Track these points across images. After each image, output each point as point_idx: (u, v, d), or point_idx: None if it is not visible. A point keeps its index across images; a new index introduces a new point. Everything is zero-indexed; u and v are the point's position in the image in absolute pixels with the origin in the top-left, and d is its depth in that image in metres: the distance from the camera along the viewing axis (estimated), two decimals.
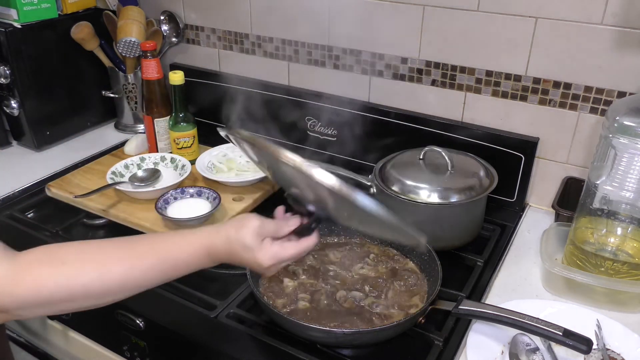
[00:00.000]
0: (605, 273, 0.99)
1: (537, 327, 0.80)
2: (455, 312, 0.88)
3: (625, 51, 1.07)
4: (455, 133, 1.28)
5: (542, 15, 1.12)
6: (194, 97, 1.64)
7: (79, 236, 1.22)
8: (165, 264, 0.74)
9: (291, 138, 1.51)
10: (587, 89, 1.14)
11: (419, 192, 1.09)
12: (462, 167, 1.15)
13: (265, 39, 1.49)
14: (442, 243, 1.10)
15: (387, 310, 0.94)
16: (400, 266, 1.04)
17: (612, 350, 0.89)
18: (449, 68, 1.26)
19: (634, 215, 0.98)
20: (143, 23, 1.53)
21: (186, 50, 1.65)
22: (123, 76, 1.61)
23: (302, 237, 0.79)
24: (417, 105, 1.33)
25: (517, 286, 1.05)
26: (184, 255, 0.75)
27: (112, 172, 1.30)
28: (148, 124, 1.42)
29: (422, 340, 0.92)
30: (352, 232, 1.12)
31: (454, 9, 1.20)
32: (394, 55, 1.32)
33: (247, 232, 0.74)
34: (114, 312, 1.02)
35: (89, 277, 0.69)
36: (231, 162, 1.37)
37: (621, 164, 0.93)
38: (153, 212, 1.17)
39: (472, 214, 1.14)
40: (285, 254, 0.76)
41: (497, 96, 1.24)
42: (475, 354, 0.87)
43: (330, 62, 1.41)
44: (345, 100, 1.40)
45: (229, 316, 0.97)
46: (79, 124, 1.66)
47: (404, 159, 1.19)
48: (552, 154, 1.23)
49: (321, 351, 0.90)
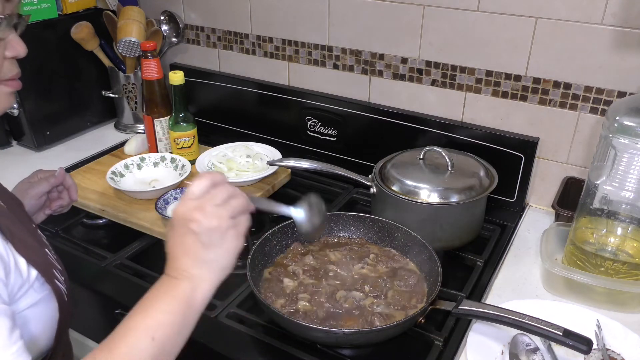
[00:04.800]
0: (605, 273, 0.99)
1: (537, 327, 0.80)
2: (455, 312, 0.88)
3: (625, 51, 1.07)
4: (455, 133, 1.28)
5: (542, 15, 1.12)
6: (194, 97, 1.64)
7: (79, 236, 1.22)
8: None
9: (291, 138, 1.51)
10: (587, 89, 1.14)
11: (419, 192, 1.09)
12: (462, 167, 1.15)
13: (265, 39, 1.49)
14: (442, 243, 1.10)
15: (387, 310, 0.94)
16: (400, 266, 1.04)
17: (612, 350, 0.89)
18: (449, 68, 1.26)
19: (634, 215, 0.98)
20: (143, 23, 1.53)
21: (186, 50, 1.65)
22: (123, 76, 1.61)
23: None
24: (417, 105, 1.33)
25: (517, 286, 1.05)
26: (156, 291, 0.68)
27: (112, 172, 1.30)
28: (148, 124, 1.42)
29: (422, 340, 0.92)
30: (352, 232, 1.12)
31: (454, 9, 1.20)
32: (394, 55, 1.32)
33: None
34: (114, 312, 1.02)
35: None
36: (231, 162, 1.37)
37: (621, 164, 0.93)
38: (153, 212, 1.18)
39: (472, 214, 1.14)
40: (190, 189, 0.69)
41: (497, 96, 1.24)
42: (475, 354, 0.87)
43: (330, 62, 1.41)
44: (345, 100, 1.40)
45: (229, 316, 0.97)
46: (79, 124, 1.66)
47: (404, 159, 1.19)
48: (552, 154, 1.23)
49: (321, 351, 0.90)
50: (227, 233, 0.68)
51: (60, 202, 1.01)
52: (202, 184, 0.68)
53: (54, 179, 0.99)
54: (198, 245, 0.67)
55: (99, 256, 1.13)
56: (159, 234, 1.16)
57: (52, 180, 0.99)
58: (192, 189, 0.68)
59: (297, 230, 0.83)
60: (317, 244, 1.10)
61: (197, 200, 0.68)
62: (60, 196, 1.02)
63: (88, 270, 1.09)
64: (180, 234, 0.68)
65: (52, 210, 1.01)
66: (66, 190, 1.02)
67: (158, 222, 1.17)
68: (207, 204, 0.67)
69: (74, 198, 1.03)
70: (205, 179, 0.69)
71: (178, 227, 0.68)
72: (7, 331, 0.60)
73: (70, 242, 1.18)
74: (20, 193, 0.95)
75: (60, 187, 1.01)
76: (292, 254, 1.07)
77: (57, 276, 0.77)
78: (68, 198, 1.02)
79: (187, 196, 0.68)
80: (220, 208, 0.68)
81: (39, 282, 0.72)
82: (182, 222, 0.67)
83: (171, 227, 0.69)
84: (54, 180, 0.99)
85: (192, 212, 0.66)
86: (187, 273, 0.67)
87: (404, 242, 1.07)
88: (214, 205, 0.67)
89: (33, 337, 0.72)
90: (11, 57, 0.68)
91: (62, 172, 1.00)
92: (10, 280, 0.67)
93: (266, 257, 1.04)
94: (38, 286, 0.72)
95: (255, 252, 0.99)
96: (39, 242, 0.77)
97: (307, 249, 1.08)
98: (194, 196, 0.68)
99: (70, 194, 1.02)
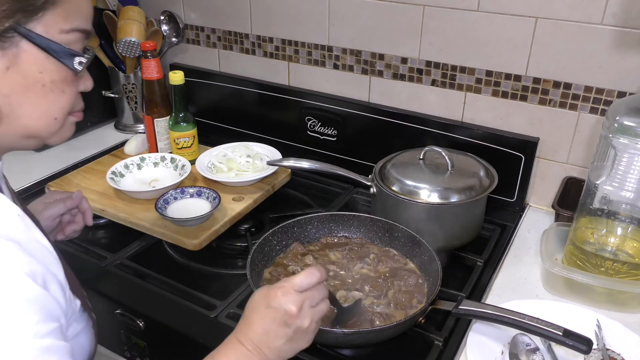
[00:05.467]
0: (605, 273, 0.99)
1: (537, 327, 0.80)
2: (455, 312, 0.88)
3: (625, 51, 1.07)
4: (455, 133, 1.28)
5: (542, 15, 1.12)
6: (194, 97, 1.64)
7: (79, 236, 1.21)
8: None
9: (291, 138, 1.51)
10: (587, 89, 1.14)
11: (419, 192, 1.09)
12: (462, 167, 1.15)
13: (265, 39, 1.49)
14: (442, 243, 1.10)
15: (387, 310, 0.94)
16: (400, 266, 1.04)
17: (612, 350, 0.89)
18: (449, 68, 1.26)
19: (634, 215, 0.98)
20: (143, 23, 1.53)
21: (186, 50, 1.65)
22: (123, 76, 1.61)
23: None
24: (417, 105, 1.33)
25: (517, 286, 1.05)
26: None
27: (112, 172, 1.30)
28: (148, 124, 1.42)
29: (422, 340, 0.92)
30: (352, 232, 1.12)
31: (454, 9, 1.20)
32: (394, 55, 1.32)
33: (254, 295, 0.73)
34: (114, 312, 1.02)
35: None
36: (231, 162, 1.37)
37: (621, 164, 0.93)
38: (153, 212, 1.17)
39: (472, 214, 1.14)
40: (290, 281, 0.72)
41: (497, 96, 1.24)
42: (475, 354, 0.87)
43: (330, 62, 1.41)
44: (345, 100, 1.40)
45: (229, 316, 0.97)
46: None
47: (404, 159, 1.19)
48: (552, 154, 1.23)
49: (321, 351, 0.90)
50: (309, 335, 0.72)
51: (74, 226, 0.99)
52: (310, 280, 0.72)
53: (70, 201, 0.97)
54: (282, 336, 0.70)
55: (99, 256, 1.13)
56: (159, 234, 1.16)
57: (69, 202, 0.97)
58: (301, 282, 0.72)
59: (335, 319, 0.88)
60: (317, 244, 1.10)
61: (299, 295, 0.71)
62: (74, 220, 0.99)
63: (88, 270, 1.09)
64: (271, 316, 0.70)
65: (65, 235, 0.98)
66: (80, 214, 0.99)
67: (158, 222, 1.17)
68: (307, 302, 0.71)
69: (88, 223, 1.00)
70: (314, 277, 0.72)
71: (272, 308, 0.70)
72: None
73: (70, 242, 1.18)
74: (35, 213, 0.91)
75: (75, 210, 0.99)
76: (292, 254, 1.07)
77: (88, 304, 0.77)
78: (82, 222, 1.00)
79: (292, 286, 0.71)
80: (314, 311, 0.72)
81: (80, 311, 0.72)
82: (279, 309, 0.70)
83: (264, 298, 0.71)
84: (71, 203, 0.97)
85: (292, 306, 0.70)
86: (260, 351, 0.69)
87: (404, 242, 1.07)
88: (310, 306, 0.71)
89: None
90: (82, 90, 0.71)
91: (79, 194, 0.99)
92: (68, 313, 0.66)
93: (266, 257, 1.04)
94: (78, 316, 0.72)
95: (255, 252, 0.99)
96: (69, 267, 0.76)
97: (307, 249, 1.08)
98: (299, 289, 0.71)
99: (85, 218, 1.00)
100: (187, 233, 1.14)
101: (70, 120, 0.71)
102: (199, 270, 1.11)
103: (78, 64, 0.65)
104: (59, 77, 0.64)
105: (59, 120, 0.67)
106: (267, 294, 0.71)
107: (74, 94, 0.68)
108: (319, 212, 1.16)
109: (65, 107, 0.67)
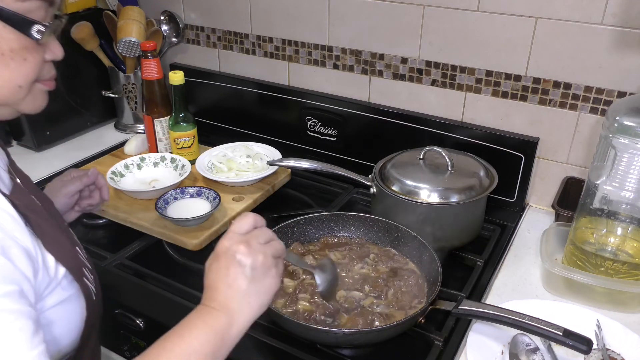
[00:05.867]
0: (605, 273, 0.99)
1: (537, 327, 0.80)
2: (455, 312, 0.88)
3: (625, 51, 1.07)
4: (455, 133, 1.28)
5: (542, 15, 1.12)
6: (194, 97, 1.64)
7: (79, 236, 1.21)
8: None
9: (291, 138, 1.51)
10: (587, 89, 1.14)
11: (419, 192, 1.09)
12: (462, 167, 1.15)
13: (265, 39, 1.49)
14: (442, 243, 1.10)
15: (387, 310, 0.94)
16: (400, 266, 1.04)
17: (612, 350, 0.89)
18: (449, 68, 1.26)
19: (634, 215, 0.98)
20: (143, 23, 1.53)
21: (186, 50, 1.65)
22: (123, 76, 1.61)
23: None
24: (417, 105, 1.33)
25: (517, 286, 1.05)
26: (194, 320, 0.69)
27: (112, 172, 1.30)
28: (148, 124, 1.42)
29: (422, 340, 0.92)
30: (352, 232, 1.12)
31: (454, 9, 1.20)
32: (394, 55, 1.32)
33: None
34: (114, 312, 1.02)
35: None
36: (231, 162, 1.37)
37: (621, 164, 0.93)
38: (153, 212, 1.18)
39: (472, 214, 1.14)
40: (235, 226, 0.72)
41: (497, 96, 1.24)
42: (475, 354, 0.87)
43: (330, 62, 1.41)
44: (345, 100, 1.40)
45: None
46: (79, 124, 1.66)
47: (404, 159, 1.19)
48: (552, 154, 1.23)
49: (321, 351, 0.90)
50: (270, 270, 0.71)
51: (90, 200, 1.04)
52: (247, 222, 0.72)
53: (86, 177, 1.01)
54: (242, 278, 0.68)
55: (99, 256, 1.13)
56: (158, 234, 1.16)
57: (85, 179, 1.01)
58: (238, 224, 0.72)
59: (316, 287, 0.88)
60: (317, 244, 1.10)
61: (243, 235, 0.71)
62: (91, 195, 1.04)
63: None
64: (224, 266, 0.69)
65: (81, 208, 1.03)
66: (97, 190, 1.04)
67: (158, 222, 1.17)
68: (252, 240, 0.70)
69: (105, 198, 1.05)
70: (249, 218, 0.72)
71: (222, 259, 0.70)
72: (29, 334, 0.59)
73: None
74: (53, 191, 0.98)
75: (92, 186, 1.04)
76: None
77: (87, 275, 0.77)
78: (99, 197, 1.05)
79: (232, 230, 0.71)
80: (265, 246, 0.71)
81: (66, 280, 0.72)
82: (228, 254, 0.69)
83: (214, 258, 0.71)
84: (87, 179, 1.02)
85: (238, 245, 0.69)
86: (227, 306, 0.68)
87: (404, 242, 1.07)
88: (258, 242, 0.71)
89: (57, 336, 0.72)
90: (50, 60, 0.70)
91: (95, 171, 1.03)
92: (38, 279, 0.66)
93: None
94: (66, 284, 0.72)
95: None
96: (70, 240, 0.77)
97: (307, 249, 1.08)
98: (240, 231, 0.71)
99: (102, 193, 1.05)
100: (187, 233, 1.14)
101: (38, 87, 0.70)
102: (199, 270, 1.10)
103: (36, 32, 0.64)
104: (18, 46, 0.64)
105: (24, 88, 0.67)
106: (214, 253, 0.71)
107: (37, 62, 0.67)
108: (319, 212, 1.16)
109: (30, 75, 0.67)
